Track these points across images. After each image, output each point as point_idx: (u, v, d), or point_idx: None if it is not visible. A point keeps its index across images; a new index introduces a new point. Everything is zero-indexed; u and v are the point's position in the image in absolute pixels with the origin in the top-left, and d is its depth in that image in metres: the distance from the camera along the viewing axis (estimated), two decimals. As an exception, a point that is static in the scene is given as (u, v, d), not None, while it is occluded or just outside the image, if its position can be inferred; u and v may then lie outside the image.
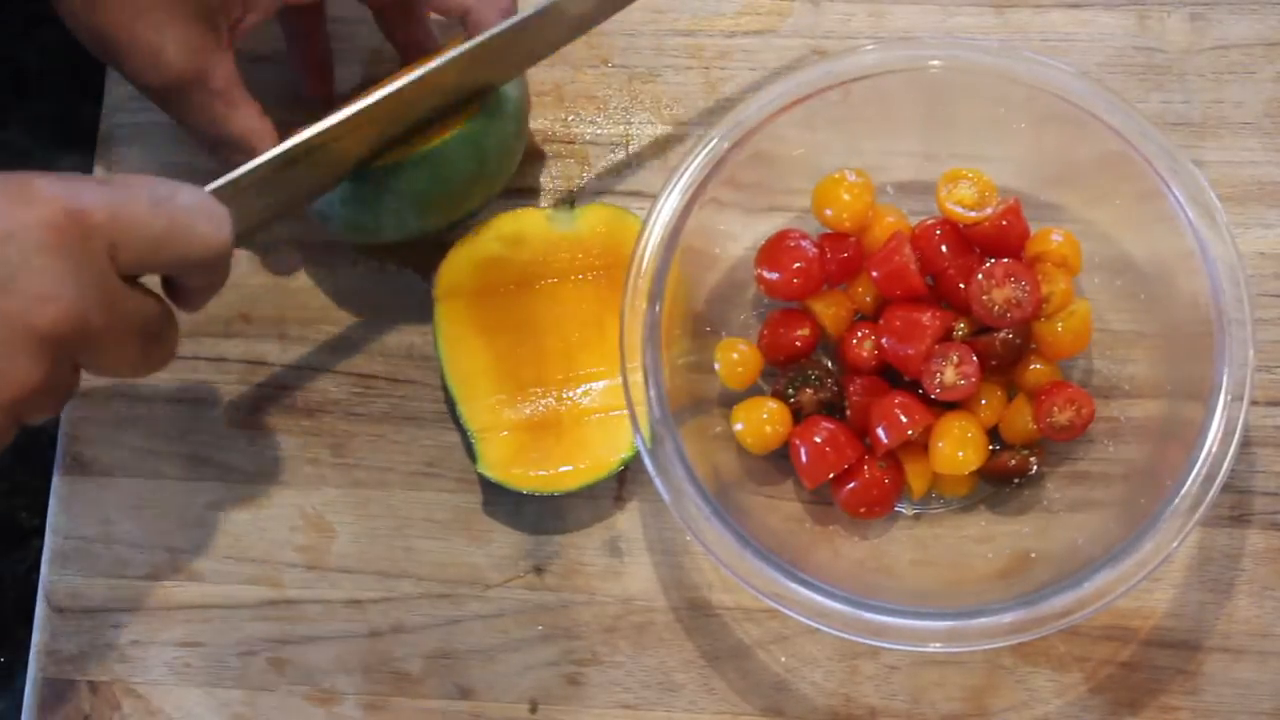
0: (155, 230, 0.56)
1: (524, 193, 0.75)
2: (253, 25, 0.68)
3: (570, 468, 0.69)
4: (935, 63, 0.67)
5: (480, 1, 0.67)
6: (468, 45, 0.65)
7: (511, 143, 0.71)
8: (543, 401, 0.70)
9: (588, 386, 0.70)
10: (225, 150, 0.67)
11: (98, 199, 0.55)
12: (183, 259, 0.58)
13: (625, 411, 0.66)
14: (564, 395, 0.70)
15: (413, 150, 0.67)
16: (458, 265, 0.71)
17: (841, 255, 0.70)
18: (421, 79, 0.64)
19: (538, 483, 0.69)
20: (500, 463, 0.69)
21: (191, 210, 0.58)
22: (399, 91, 0.64)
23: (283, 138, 0.68)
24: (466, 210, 0.70)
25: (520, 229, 0.71)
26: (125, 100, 0.77)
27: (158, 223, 0.56)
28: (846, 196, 0.69)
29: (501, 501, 0.71)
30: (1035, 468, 0.68)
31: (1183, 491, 0.62)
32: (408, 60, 0.72)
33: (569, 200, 0.72)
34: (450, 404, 0.71)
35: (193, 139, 0.68)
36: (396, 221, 0.69)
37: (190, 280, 0.61)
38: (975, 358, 0.66)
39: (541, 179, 0.75)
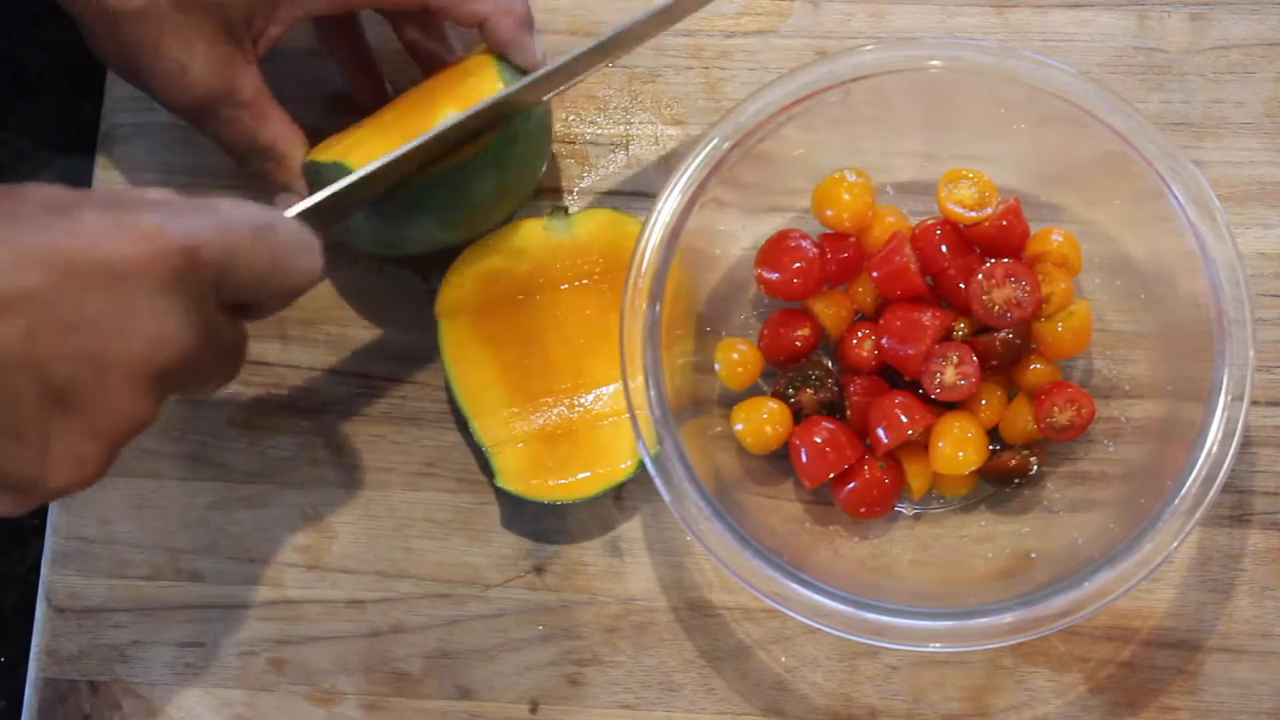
0: (258, 264, 0.55)
1: (524, 193, 0.75)
2: (276, 38, 0.68)
3: (588, 474, 0.69)
4: (935, 63, 0.67)
5: (496, 10, 0.67)
6: (516, 87, 0.66)
7: (534, 158, 0.71)
8: (554, 411, 0.70)
9: (598, 392, 0.70)
10: (256, 160, 0.68)
11: (208, 234, 0.53)
12: (279, 291, 0.57)
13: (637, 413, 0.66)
14: (575, 402, 0.70)
15: (436, 169, 0.66)
16: (458, 282, 0.71)
17: (841, 255, 0.70)
18: (465, 120, 0.64)
19: (557, 492, 0.69)
20: (518, 475, 0.69)
21: (290, 242, 0.57)
22: (445, 132, 0.64)
23: (313, 143, 0.68)
24: (492, 223, 0.71)
25: (518, 241, 0.71)
26: (125, 100, 0.77)
27: (261, 257, 0.55)
28: (847, 196, 0.69)
29: (502, 502, 0.71)
30: (1035, 468, 0.68)
31: (1183, 491, 0.62)
32: (428, 72, 0.72)
33: (564, 208, 0.72)
34: (460, 421, 0.71)
35: (223, 151, 0.68)
36: (422, 237, 0.69)
37: (270, 304, 0.59)
38: (975, 358, 0.66)
39: (542, 179, 0.75)
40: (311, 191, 0.66)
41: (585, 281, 0.71)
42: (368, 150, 0.66)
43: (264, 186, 0.69)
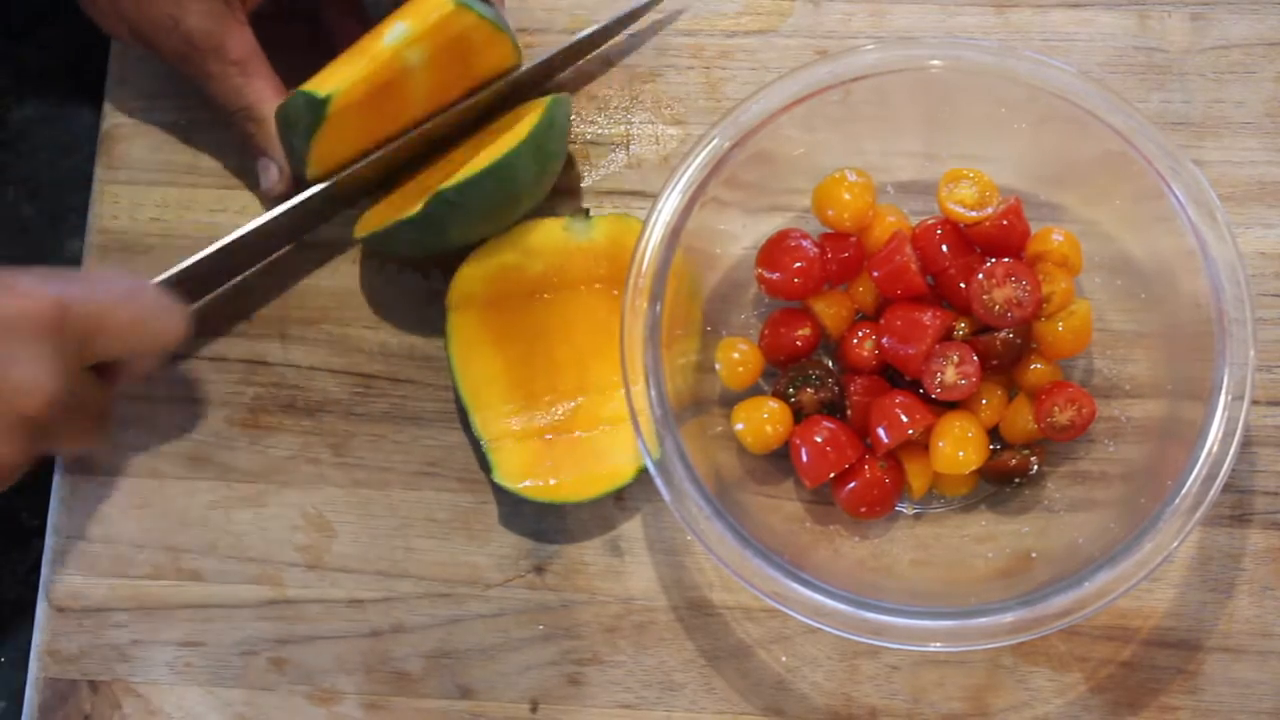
0: (122, 323, 0.62)
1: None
2: None
3: (584, 477, 0.69)
4: (935, 63, 0.67)
5: None
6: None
7: (561, 149, 0.71)
8: (556, 410, 0.70)
9: (600, 396, 0.70)
10: (240, 119, 0.70)
11: (78, 293, 0.60)
12: (142, 349, 0.64)
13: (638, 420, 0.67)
14: (576, 404, 0.70)
15: (481, 162, 0.67)
16: (471, 275, 0.71)
17: (842, 255, 0.70)
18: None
19: (551, 492, 0.68)
20: (514, 472, 0.69)
21: (153, 305, 0.64)
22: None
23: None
24: (517, 217, 0.71)
25: (535, 239, 0.71)
26: (125, 100, 0.77)
27: (125, 316, 0.62)
28: (847, 196, 0.69)
29: (502, 501, 0.71)
30: (1035, 467, 0.68)
31: (1183, 491, 0.62)
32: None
33: (585, 210, 0.72)
34: (462, 414, 0.71)
35: (212, 110, 0.71)
36: (463, 235, 0.70)
37: (136, 363, 0.66)
38: (976, 357, 0.66)
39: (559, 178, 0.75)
40: (284, 143, 0.69)
41: (597, 285, 0.71)
42: (330, 77, 0.68)
43: (247, 150, 0.72)
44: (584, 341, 0.71)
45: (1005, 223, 0.68)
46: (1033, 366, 0.68)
